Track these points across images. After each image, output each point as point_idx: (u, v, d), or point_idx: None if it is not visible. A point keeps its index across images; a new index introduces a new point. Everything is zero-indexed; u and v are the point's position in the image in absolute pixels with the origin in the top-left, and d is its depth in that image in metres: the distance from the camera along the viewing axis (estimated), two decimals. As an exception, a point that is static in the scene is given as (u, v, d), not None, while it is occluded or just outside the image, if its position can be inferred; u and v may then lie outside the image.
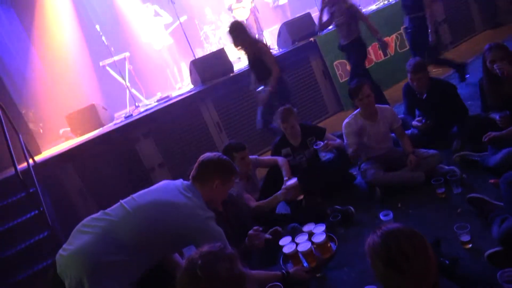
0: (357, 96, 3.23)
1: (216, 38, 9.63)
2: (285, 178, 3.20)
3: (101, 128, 5.53)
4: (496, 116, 2.98)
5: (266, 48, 4.43)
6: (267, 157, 3.67)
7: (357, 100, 3.26)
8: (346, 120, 3.35)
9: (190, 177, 2.19)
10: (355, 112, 3.36)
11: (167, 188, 2.14)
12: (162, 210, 2.00)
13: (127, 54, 7.00)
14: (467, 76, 5.05)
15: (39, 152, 5.43)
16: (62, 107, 6.81)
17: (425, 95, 3.53)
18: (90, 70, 7.99)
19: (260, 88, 4.43)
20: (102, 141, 4.73)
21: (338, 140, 3.52)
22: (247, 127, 5.31)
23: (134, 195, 2.11)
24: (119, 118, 6.16)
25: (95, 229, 1.94)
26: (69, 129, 6.04)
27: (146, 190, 2.16)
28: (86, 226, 1.99)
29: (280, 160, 3.42)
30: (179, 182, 2.18)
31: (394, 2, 6.60)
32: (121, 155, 4.74)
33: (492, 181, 2.71)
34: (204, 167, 2.17)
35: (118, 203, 2.07)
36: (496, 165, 2.80)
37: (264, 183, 3.50)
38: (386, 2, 6.99)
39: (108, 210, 2.06)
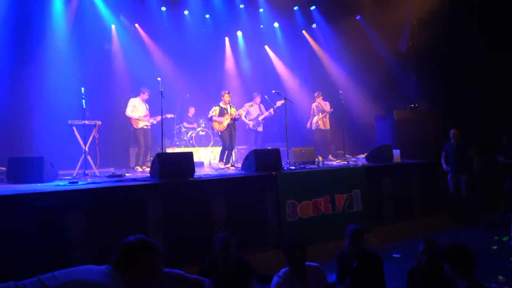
0: (287, 255, 3.33)
1: (187, 137, 10.03)
2: None
3: (39, 185, 5.25)
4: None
5: None
6: (194, 276, 3.47)
7: (286, 259, 3.34)
8: (277, 280, 3.35)
9: (112, 262, 2.05)
10: (286, 269, 3.38)
11: (92, 269, 1.99)
12: None
13: (99, 122, 7.11)
14: (398, 255, 5.40)
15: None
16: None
17: (355, 263, 3.72)
18: (53, 124, 7.98)
19: None
20: (33, 199, 4.44)
21: None
22: (189, 234, 5.19)
23: (56, 273, 1.90)
24: (62, 179, 5.95)
25: None
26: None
27: (69, 269, 1.98)
28: None
29: (207, 284, 3.17)
30: (104, 267, 2.03)
31: (352, 165, 7.33)
32: (44, 221, 4.39)
33: None
34: (124, 251, 2.06)
35: (35, 278, 1.84)
36: None
37: None
38: (346, 162, 7.75)
39: (21, 282, 1.80)
